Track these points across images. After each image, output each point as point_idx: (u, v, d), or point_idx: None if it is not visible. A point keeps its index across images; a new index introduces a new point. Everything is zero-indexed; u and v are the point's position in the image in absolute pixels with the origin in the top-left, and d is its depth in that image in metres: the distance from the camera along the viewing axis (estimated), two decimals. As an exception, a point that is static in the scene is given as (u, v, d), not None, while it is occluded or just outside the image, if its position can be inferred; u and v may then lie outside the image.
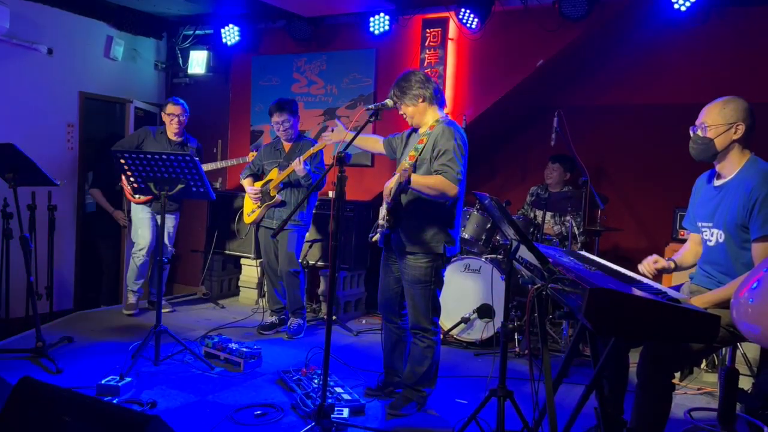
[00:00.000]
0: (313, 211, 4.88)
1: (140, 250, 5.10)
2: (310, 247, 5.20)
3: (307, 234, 4.90)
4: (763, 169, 2.53)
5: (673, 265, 2.83)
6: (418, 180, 3.07)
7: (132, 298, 5.16)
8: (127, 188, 5.02)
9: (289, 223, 4.61)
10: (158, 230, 5.09)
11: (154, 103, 6.61)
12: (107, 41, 6.03)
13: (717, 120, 2.57)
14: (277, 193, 4.65)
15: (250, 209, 4.83)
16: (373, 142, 3.62)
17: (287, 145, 4.76)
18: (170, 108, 5.05)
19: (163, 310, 5.06)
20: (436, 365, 3.37)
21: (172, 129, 5.04)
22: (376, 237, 3.33)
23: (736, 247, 2.52)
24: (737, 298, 1.55)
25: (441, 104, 3.35)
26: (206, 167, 4.76)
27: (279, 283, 4.84)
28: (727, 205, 2.56)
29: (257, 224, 4.84)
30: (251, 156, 4.93)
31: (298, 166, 4.40)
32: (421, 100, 3.26)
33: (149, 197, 4.97)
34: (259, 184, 4.78)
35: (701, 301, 2.46)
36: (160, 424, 2.00)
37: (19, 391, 2.17)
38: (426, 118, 3.29)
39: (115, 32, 6.08)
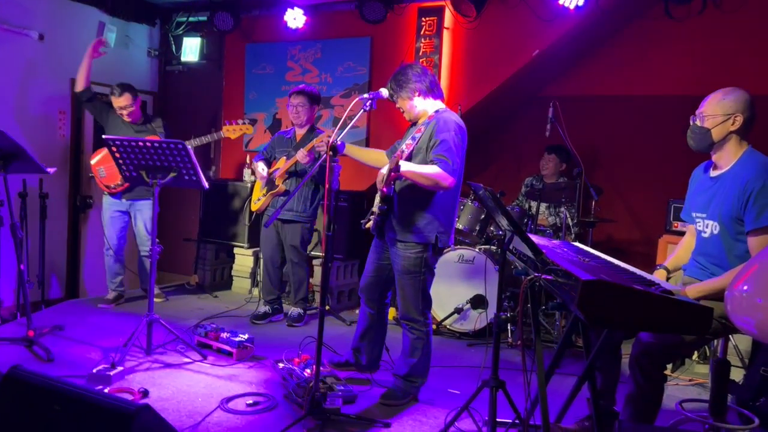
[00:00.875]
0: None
1: (107, 249, 5.04)
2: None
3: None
4: (759, 161, 2.52)
5: (665, 273, 2.81)
6: (411, 168, 3.04)
7: (111, 295, 5.10)
8: (98, 176, 4.90)
9: (294, 216, 4.62)
10: (126, 230, 5.05)
11: (145, 90, 6.55)
12: (99, 27, 5.95)
13: (715, 110, 2.57)
14: (282, 182, 4.62)
15: (257, 197, 4.81)
16: (377, 156, 3.55)
17: (299, 134, 4.73)
18: (115, 101, 4.85)
19: (156, 300, 5.05)
20: (428, 356, 3.38)
21: (125, 119, 4.90)
22: (369, 224, 3.32)
23: (730, 239, 2.52)
24: (732, 290, 1.54)
25: (438, 96, 3.34)
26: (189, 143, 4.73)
27: (275, 273, 4.84)
28: (722, 196, 2.55)
29: (261, 212, 4.82)
30: (225, 130, 4.83)
31: (301, 154, 4.39)
32: (417, 93, 3.25)
33: (123, 187, 4.87)
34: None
35: (694, 290, 2.46)
36: (149, 413, 2.00)
37: (9, 380, 2.16)
38: (422, 110, 3.29)
39: (107, 18, 6.01)
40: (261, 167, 4.68)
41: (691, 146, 2.67)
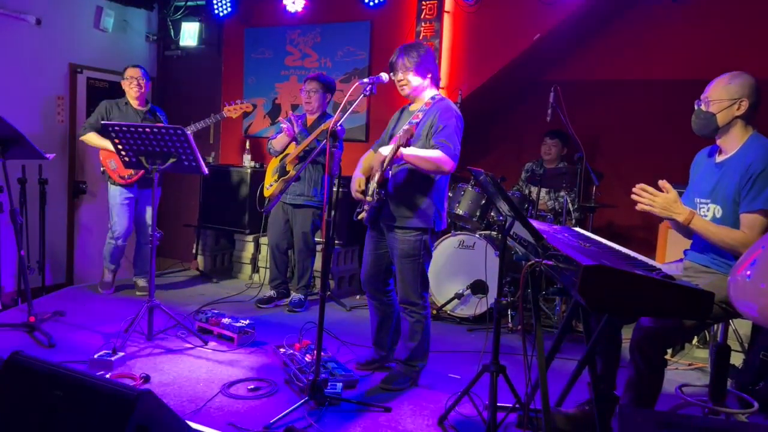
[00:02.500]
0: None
1: (117, 237, 4.92)
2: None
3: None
4: (764, 145, 2.51)
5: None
6: (416, 152, 3.06)
7: (108, 276, 5.05)
8: (110, 169, 4.86)
9: (305, 200, 4.66)
10: (134, 216, 4.98)
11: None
12: (97, 12, 5.92)
13: (721, 95, 2.55)
14: (293, 168, 4.60)
15: (269, 182, 4.80)
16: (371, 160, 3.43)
17: (310, 120, 4.71)
18: (130, 71, 4.87)
19: (138, 293, 5.00)
20: (428, 340, 3.39)
21: (132, 93, 4.84)
22: (363, 214, 3.31)
23: (732, 222, 2.51)
24: (734, 275, 1.54)
25: (438, 84, 3.39)
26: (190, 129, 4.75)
27: (281, 258, 4.86)
28: (727, 180, 2.54)
29: (274, 198, 4.81)
30: (226, 110, 4.78)
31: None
32: (430, 75, 3.27)
33: (137, 176, 4.85)
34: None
35: (699, 221, 2.46)
36: (151, 398, 2.00)
37: (10, 365, 2.16)
38: (423, 94, 3.30)
39: (105, 2, 5.97)
40: (284, 124, 4.61)
41: (696, 131, 2.65)
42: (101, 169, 4.95)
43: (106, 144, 4.68)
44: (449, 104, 3.24)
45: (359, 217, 3.33)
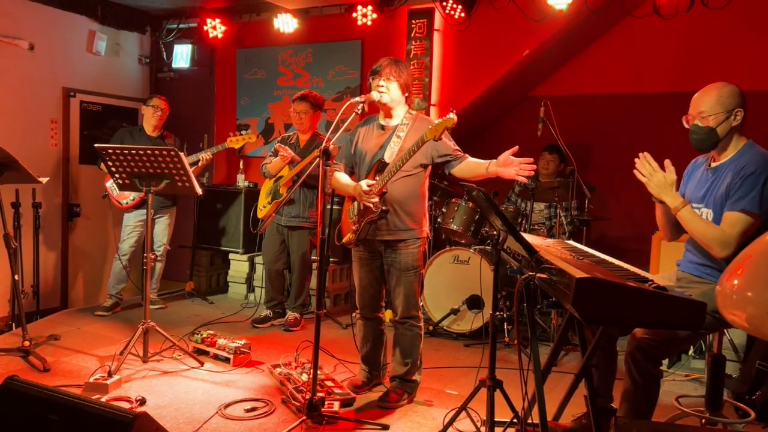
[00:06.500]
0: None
1: (123, 255, 5.09)
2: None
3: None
4: (759, 152, 2.53)
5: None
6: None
7: (107, 302, 5.10)
8: (112, 195, 5.02)
9: (301, 222, 4.69)
10: (141, 241, 5.08)
11: (136, 98, 6.53)
12: (90, 36, 5.96)
13: (716, 108, 2.54)
14: (287, 190, 4.61)
15: (263, 203, 4.81)
16: (347, 182, 3.43)
17: (302, 140, 4.73)
18: (156, 101, 5.10)
19: (154, 306, 5.06)
20: (421, 353, 3.44)
21: (153, 121, 5.05)
22: (350, 236, 3.32)
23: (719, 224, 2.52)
24: (722, 284, 1.55)
25: (410, 106, 3.46)
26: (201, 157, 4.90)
27: (277, 278, 4.87)
28: (720, 182, 2.56)
29: (267, 219, 4.82)
30: (229, 141, 4.88)
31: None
32: (407, 95, 3.35)
33: (133, 203, 5.00)
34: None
35: (686, 214, 2.49)
36: (148, 420, 2.00)
37: (5, 390, 2.15)
38: (398, 109, 3.35)
39: (97, 27, 6.01)
40: (282, 152, 4.52)
41: (696, 147, 2.63)
42: (103, 194, 5.05)
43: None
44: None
45: (345, 240, 3.36)
